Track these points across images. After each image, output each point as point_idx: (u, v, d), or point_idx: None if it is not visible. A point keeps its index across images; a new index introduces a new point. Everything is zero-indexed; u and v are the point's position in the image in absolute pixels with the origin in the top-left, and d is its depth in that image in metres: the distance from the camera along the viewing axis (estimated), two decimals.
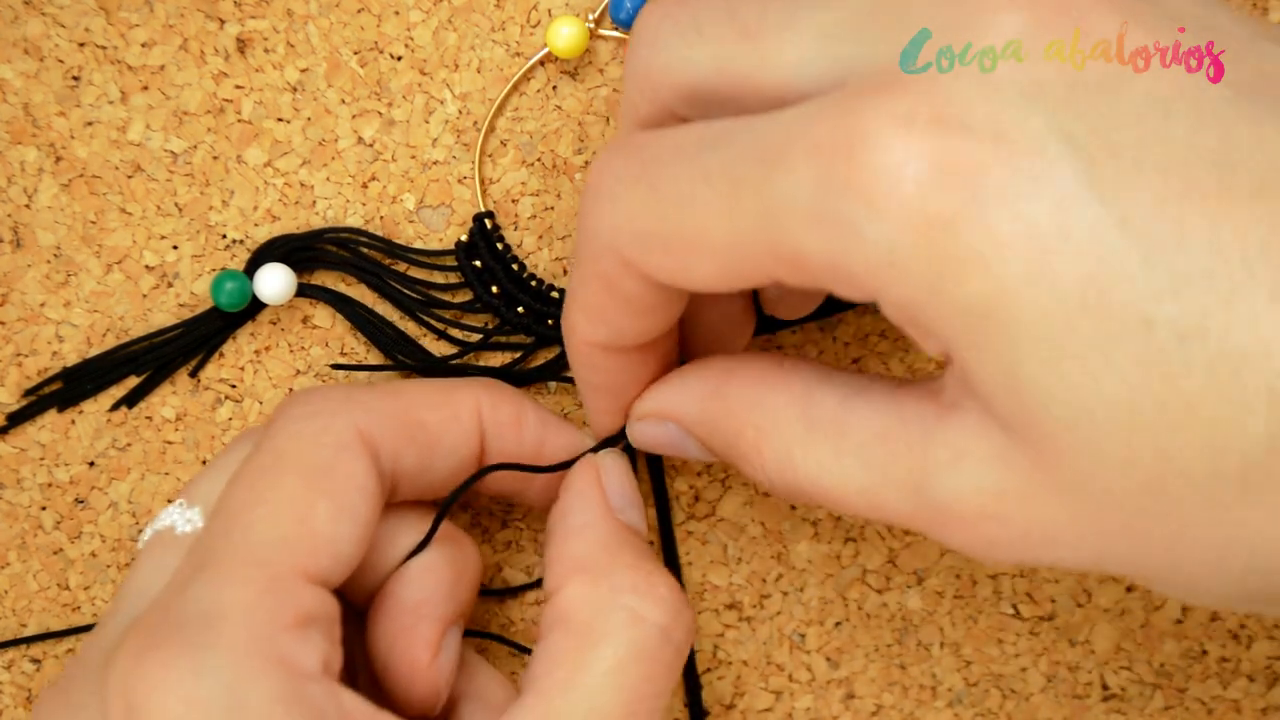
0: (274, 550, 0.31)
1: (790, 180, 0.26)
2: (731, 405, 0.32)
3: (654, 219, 0.28)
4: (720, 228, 0.27)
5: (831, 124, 0.25)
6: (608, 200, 0.29)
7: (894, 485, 0.28)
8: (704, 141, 0.28)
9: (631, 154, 0.29)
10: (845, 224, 0.25)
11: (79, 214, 0.39)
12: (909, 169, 0.25)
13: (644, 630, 0.32)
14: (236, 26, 0.39)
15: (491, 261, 0.39)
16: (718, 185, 0.27)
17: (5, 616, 0.40)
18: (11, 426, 0.39)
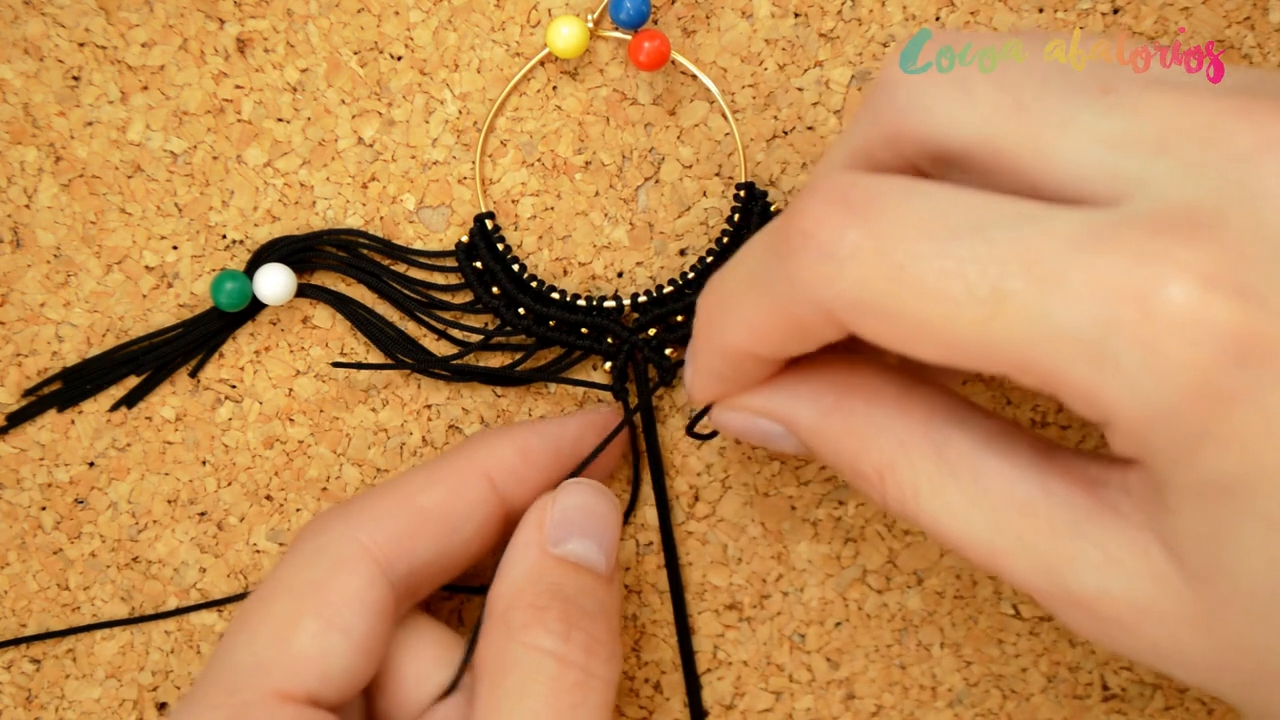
0: (246, 676, 0.31)
1: (1071, 312, 0.25)
2: (855, 423, 0.31)
3: (888, 299, 0.27)
4: (970, 331, 0.26)
5: (1127, 262, 0.25)
6: (830, 261, 0.27)
7: (1027, 557, 0.28)
8: (953, 225, 0.26)
9: (855, 211, 0.27)
10: (1120, 369, 0.25)
11: (79, 214, 0.39)
12: (1206, 338, 0.24)
13: (537, 657, 0.32)
14: (236, 26, 0.39)
15: (492, 262, 0.39)
16: (977, 290, 0.26)
17: (5, 616, 0.40)
18: (11, 426, 0.39)
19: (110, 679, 0.40)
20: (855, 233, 0.27)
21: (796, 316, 0.29)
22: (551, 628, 0.33)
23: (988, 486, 0.29)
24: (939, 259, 0.26)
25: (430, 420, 0.40)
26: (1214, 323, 0.24)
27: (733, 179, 0.39)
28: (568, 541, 0.35)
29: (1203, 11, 0.39)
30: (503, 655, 0.32)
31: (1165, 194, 0.25)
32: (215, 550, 0.40)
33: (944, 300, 0.26)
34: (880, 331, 0.27)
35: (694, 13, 0.39)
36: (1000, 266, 0.25)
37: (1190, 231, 0.25)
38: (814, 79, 0.39)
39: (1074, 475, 0.29)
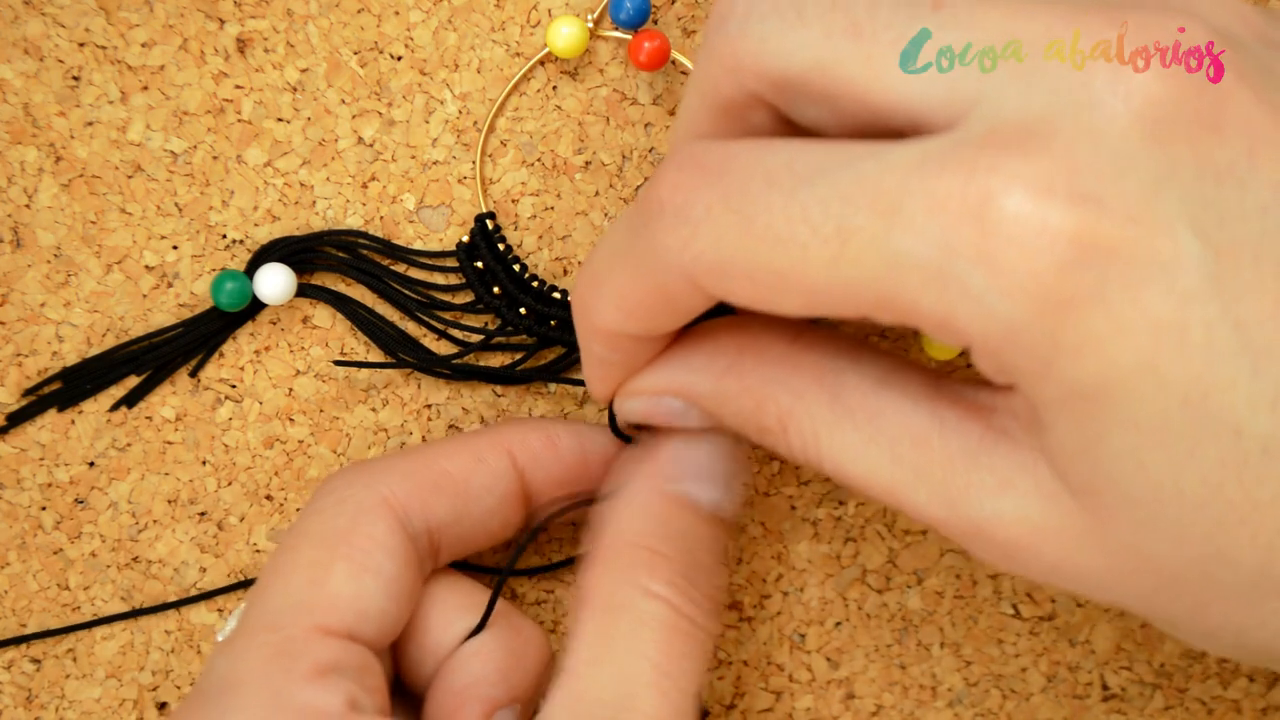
0: (286, 614, 0.31)
1: (910, 238, 0.25)
2: (750, 383, 0.31)
3: (742, 252, 0.27)
4: (821, 273, 0.26)
5: (963, 181, 0.24)
6: (686, 224, 0.28)
7: (925, 489, 0.29)
8: (799, 173, 0.26)
9: (710, 172, 0.27)
10: (968, 289, 0.25)
11: (79, 214, 0.39)
12: (1044, 244, 0.24)
13: (655, 605, 0.32)
14: (236, 26, 0.39)
15: (493, 262, 0.39)
16: (822, 230, 0.26)
17: (5, 616, 0.40)
18: (11, 426, 0.39)
19: (110, 679, 0.40)
20: (707, 193, 0.27)
21: (662, 286, 0.29)
22: (673, 581, 0.32)
23: (883, 424, 0.29)
24: (785, 206, 0.26)
25: (430, 420, 0.40)
26: (1051, 230, 0.24)
27: None
28: (692, 482, 0.34)
29: None
30: (616, 594, 0.32)
31: (998, 109, 0.25)
32: (215, 550, 0.40)
33: (794, 245, 0.26)
34: (740, 291, 0.28)
35: (694, 13, 0.39)
36: (843, 204, 0.26)
37: (1022, 143, 0.24)
38: None
39: (965, 404, 0.29)
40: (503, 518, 0.35)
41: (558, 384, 0.40)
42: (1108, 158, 0.24)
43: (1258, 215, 0.24)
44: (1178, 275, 0.24)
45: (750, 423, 0.31)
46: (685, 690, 0.32)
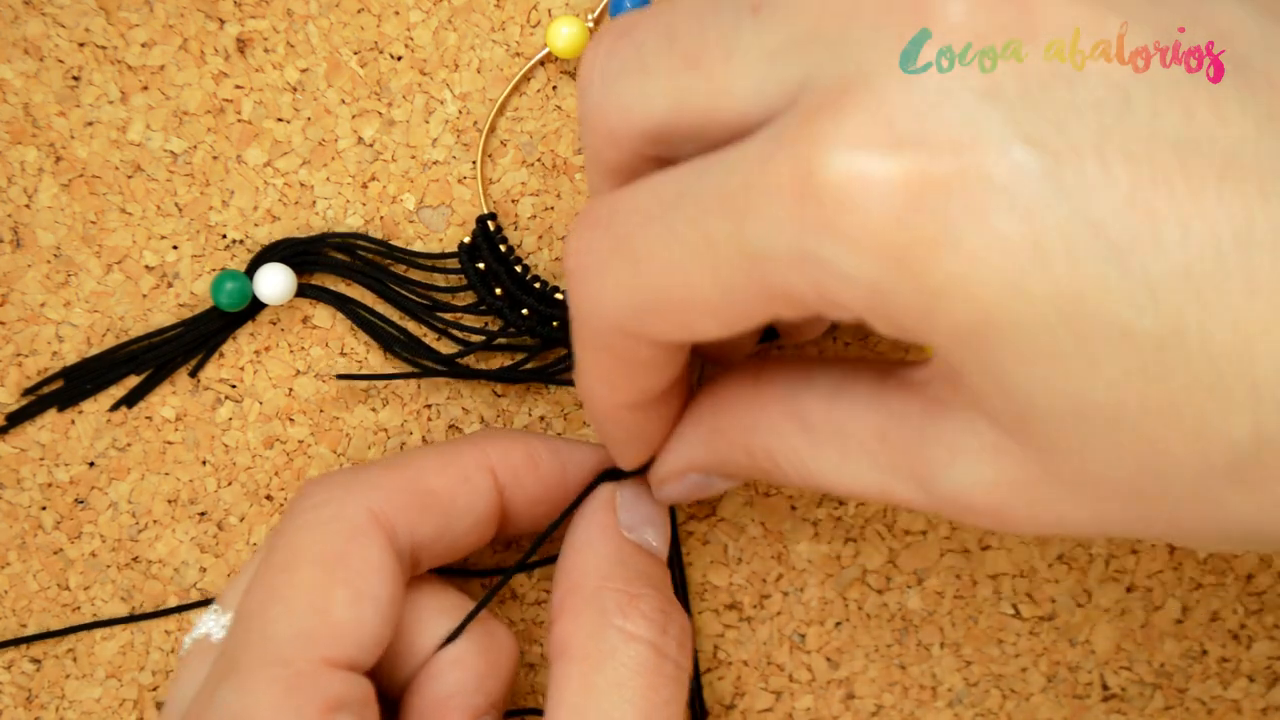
0: (295, 646, 0.31)
1: (761, 229, 0.25)
2: (733, 436, 0.32)
3: (641, 291, 0.27)
4: (707, 285, 0.26)
5: (788, 159, 0.24)
6: (593, 280, 0.28)
7: (902, 481, 0.29)
8: (665, 200, 0.27)
9: (601, 226, 0.28)
10: (824, 262, 0.25)
11: (79, 214, 0.39)
12: (874, 199, 0.24)
13: (636, 648, 0.33)
14: (236, 26, 0.39)
15: (495, 263, 0.39)
16: (693, 245, 0.26)
17: (5, 616, 0.40)
18: (11, 426, 0.39)
19: (110, 679, 0.40)
20: (600, 246, 0.28)
21: (608, 347, 0.30)
22: (650, 617, 0.33)
23: (848, 433, 0.30)
24: (661, 234, 0.27)
25: (430, 420, 0.40)
26: (878, 182, 0.24)
27: None
28: (642, 529, 0.35)
29: None
30: (597, 639, 0.33)
31: (818, 81, 0.25)
32: (215, 550, 0.40)
33: (678, 270, 0.26)
34: (660, 328, 0.28)
35: None
36: (704, 215, 0.26)
37: (836, 103, 0.24)
38: None
39: (906, 384, 0.29)
40: (479, 534, 0.35)
41: (558, 385, 0.40)
42: (922, 93, 0.24)
43: (1093, 110, 0.24)
44: (1018, 191, 0.23)
45: (753, 470, 0.32)
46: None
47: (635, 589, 0.34)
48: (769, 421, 0.31)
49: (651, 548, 0.35)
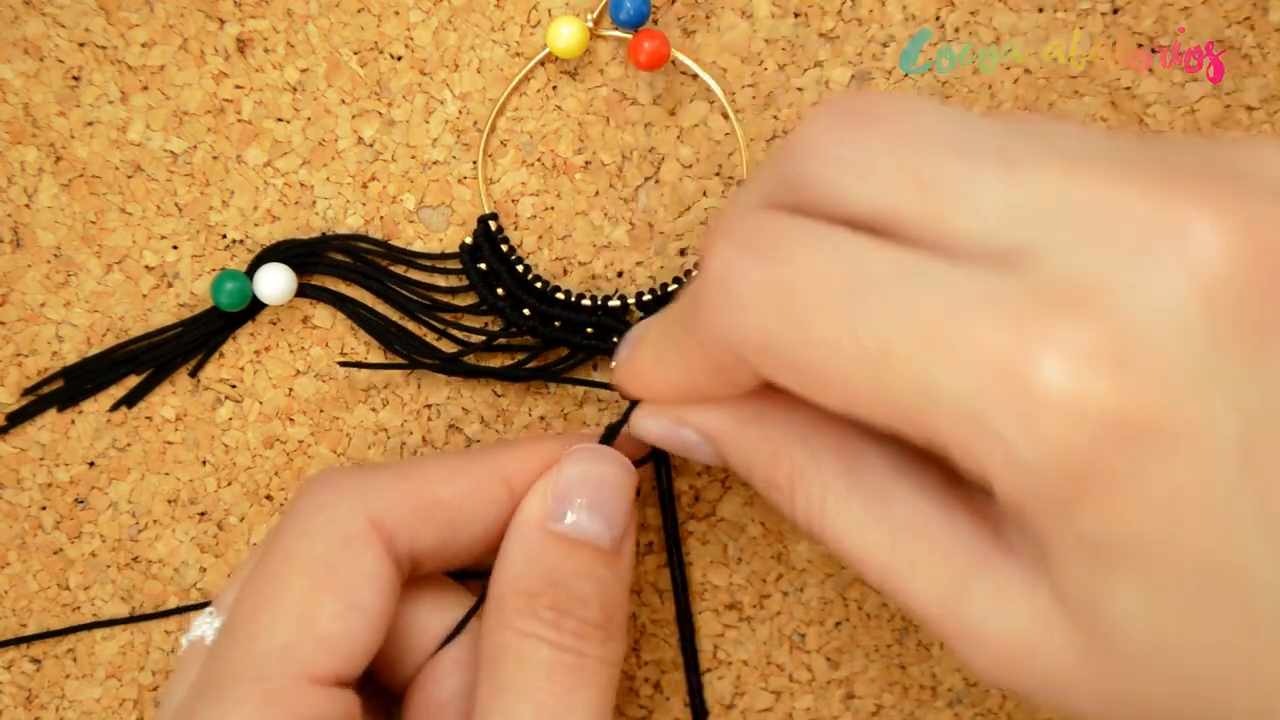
0: (274, 662, 0.31)
1: (952, 376, 0.25)
2: (771, 434, 0.32)
3: (785, 344, 0.27)
4: (860, 385, 0.26)
5: (1008, 334, 0.25)
6: (736, 305, 0.28)
7: (922, 581, 0.29)
8: (853, 286, 0.26)
9: (762, 256, 0.28)
10: (995, 434, 0.25)
11: (79, 214, 0.39)
12: (1084, 421, 0.24)
13: (531, 644, 0.33)
14: (236, 26, 0.39)
15: (496, 264, 0.39)
16: (866, 346, 0.26)
17: (5, 616, 0.40)
18: (11, 426, 0.39)
19: (110, 679, 0.40)
20: (757, 275, 0.27)
21: (713, 361, 0.30)
22: (542, 615, 0.33)
23: (892, 507, 0.30)
24: (834, 313, 0.26)
25: (430, 420, 0.40)
26: (1090, 403, 0.24)
27: (733, 179, 0.40)
28: (568, 515, 0.35)
29: (1202, 11, 0.39)
30: (498, 643, 0.33)
31: (1054, 267, 0.25)
32: (215, 550, 0.40)
33: (835, 352, 0.26)
34: (783, 376, 0.28)
35: (694, 13, 0.39)
36: (890, 326, 0.26)
37: (1074, 307, 0.25)
38: (814, 79, 0.39)
39: (976, 509, 0.29)
40: (487, 542, 0.35)
41: (559, 383, 0.40)
42: (1161, 330, 0.24)
43: None
44: (1209, 447, 0.24)
45: (760, 473, 0.32)
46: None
47: (535, 588, 0.33)
48: (818, 445, 0.31)
49: (581, 534, 0.34)
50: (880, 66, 0.39)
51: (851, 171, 0.28)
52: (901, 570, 0.29)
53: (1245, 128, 0.39)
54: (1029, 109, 0.39)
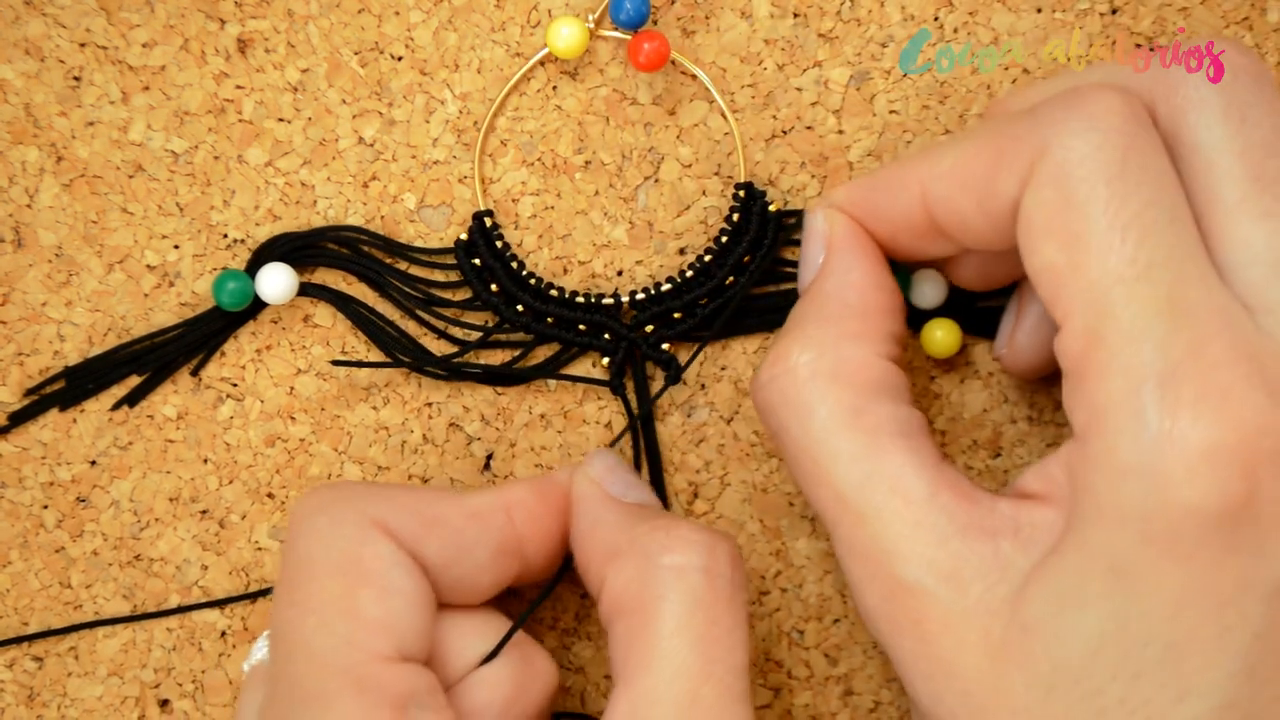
0: (344, 653, 0.31)
1: (1152, 335, 0.29)
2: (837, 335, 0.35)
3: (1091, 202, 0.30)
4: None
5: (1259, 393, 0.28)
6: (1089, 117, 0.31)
7: (881, 524, 0.32)
8: (1174, 214, 0.30)
9: (1129, 124, 0.30)
10: (1136, 427, 0.28)
11: (80, 214, 0.39)
12: (1208, 496, 0.28)
13: (689, 579, 0.32)
14: (237, 26, 0.39)
15: (491, 260, 0.39)
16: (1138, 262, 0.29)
17: (7, 615, 0.40)
18: (13, 426, 0.39)
19: (112, 676, 0.40)
20: (1119, 136, 0.31)
21: (989, 152, 0.32)
22: (692, 540, 0.32)
23: (881, 459, 0.32)
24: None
25: (431, 418, 0.40)
26: (1220, 485, 0.28)
27: (732, 178, 0.40)
28: (628, 493, 0.35)
29: (1201, 12, 0.39)
30: (650, 585, 0.32)
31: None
32: (217, 548, 0.40)
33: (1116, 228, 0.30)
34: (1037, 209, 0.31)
35: (694, 13, 0.39)
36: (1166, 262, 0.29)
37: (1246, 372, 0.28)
38: (813, 79, 0.39)
39: (965, 495, 0.31)
40: (495, 573, 0.35)
41: (557, 380, 0.40)
42: None
43: None
44: None
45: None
46: (737, 669, 0.32)
47: (665, 523, 0.33)
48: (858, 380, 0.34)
49: (651, 503, 0.35)
50: (879, 66, 0.39)
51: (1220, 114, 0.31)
52: (862, 512, 0.32)
53: None
54: None
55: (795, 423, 0.33)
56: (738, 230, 0.39)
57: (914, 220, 0.34)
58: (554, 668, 0.35)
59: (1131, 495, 0.28)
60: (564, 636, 0.40)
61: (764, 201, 0.39)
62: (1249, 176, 0.30)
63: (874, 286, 0.35)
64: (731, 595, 0.32)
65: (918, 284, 0.39)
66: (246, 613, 0.40)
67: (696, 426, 0.40)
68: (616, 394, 0.39)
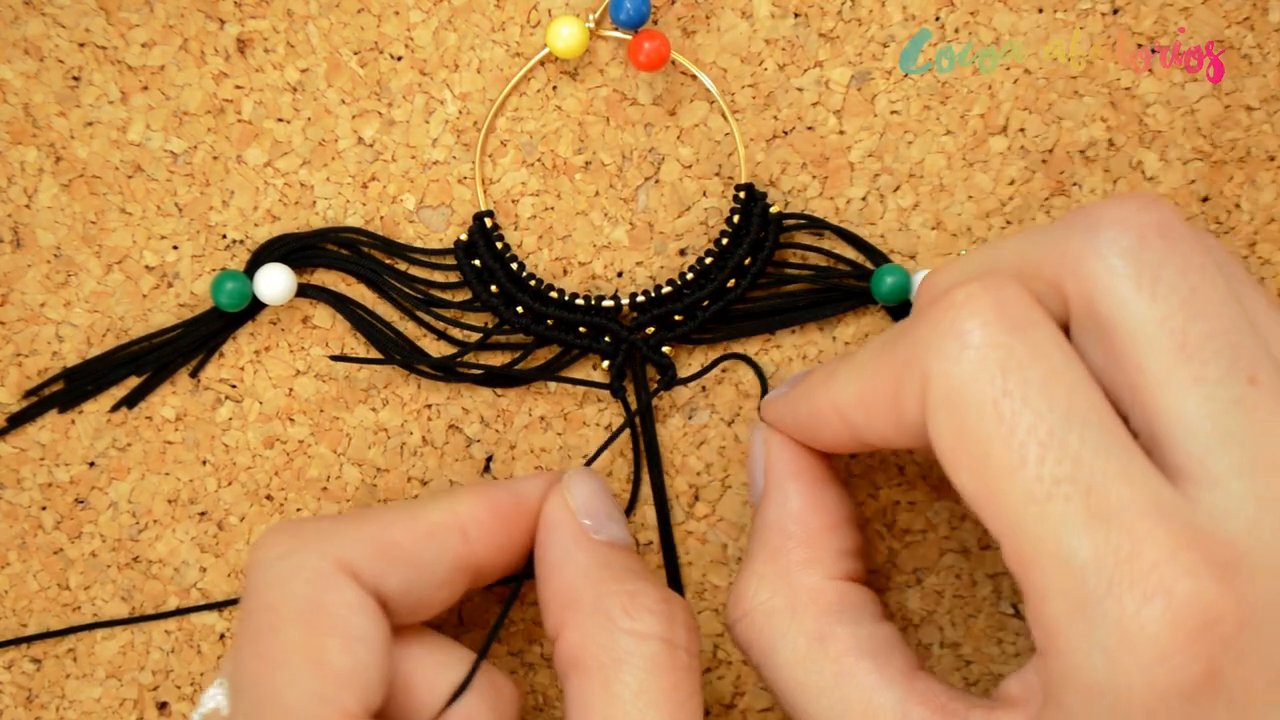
0: (314, 708, 0.31)
1: (1094, 553, 0.28)
2: (794, 510, 0.36)
3: (975, 415, 0.29)
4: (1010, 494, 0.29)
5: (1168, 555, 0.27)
6: (956, 351, 0.30)
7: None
8: (1066, 419, 0.28)
9: (1006, 334, 0.29)
10: (1089, 625, 0.28)
11: (79, 214, 0.39)
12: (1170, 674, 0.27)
13: (649, 646, 0.32)
14: (236, 27, 0.39)
15: (490, 261, 0.39)
16: (1042, 478, 0.28)
17: (5, 616, 0.40)
18: (12, 427, 0.39)
19: (111, 679, 0.40)
20: (990, 348, 0.30)
21: (889, 383, 0.31)
22: (655, 610, 0.33)
23: (848, 685, 0.32)
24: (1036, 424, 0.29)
25: (430, 420, 0.40)
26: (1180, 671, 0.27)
27: (732, 179, 0.40)
28: (602, 528, 0.35)
29: (1202, 11, 0.39)
30: (610, 648, 0.32)
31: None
32: (216, 550, 0.40)
33: (1013, 457, 0.29)
34: (941, 423, 0.30)
35: (694, 13, 0.39)
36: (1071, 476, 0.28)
37: (1191, 546, 0.27)
38: (814, 79, 0.39)
39: (939, 707, 0.31)
40: (450, 589, 0.35)
41: (556, 383, 0.40)
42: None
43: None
44: None
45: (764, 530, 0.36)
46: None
47: (631, 586, 0.33)
48: (806, 589, 0.35)
49: (624, 542, 0.35)
50: (880, 66, 0.39)
51: (1131, 285, 0.29)
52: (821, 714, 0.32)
53: (1245, 128, 0.39)
54: (1029, 109, 0.39)
55: (764, 660, 0.34)
56: (738, 232, 0.39)
57: (841, 439, 0.34)
58: (517, 689, 0.35)
59: (1097, 708, 0.28)
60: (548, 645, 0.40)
61: (765, 203, 0.39)
62: (1173, 346, 0.29)
63: (813, 510, 0.35)
64: (689, 664, 0.33)
65: (918, 284, 0.39)
66: None
67: (697, 429, 0.40)
68: (616, 396, 0.39)
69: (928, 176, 0.39)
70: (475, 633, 0.40)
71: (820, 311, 0.39)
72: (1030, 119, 0.39)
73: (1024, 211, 0.40)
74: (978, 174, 0.40)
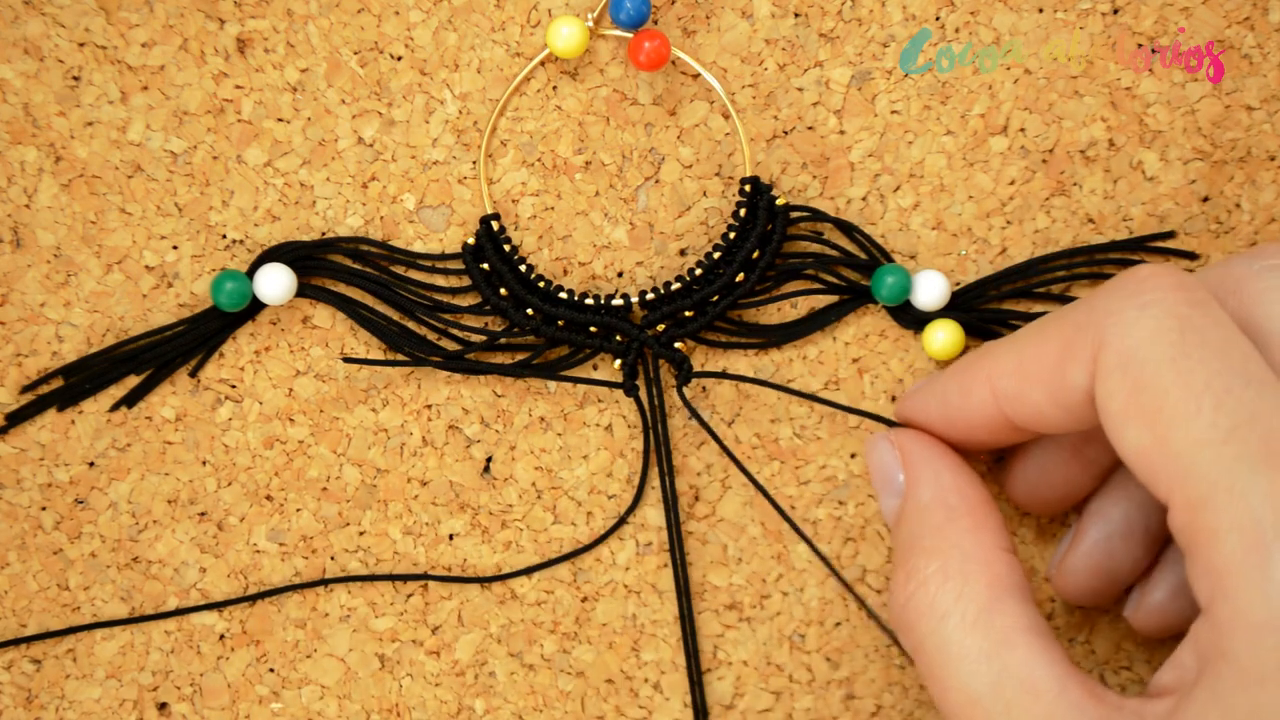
0: None
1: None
2: (945, 529, 0.35)
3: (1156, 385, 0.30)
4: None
5: None
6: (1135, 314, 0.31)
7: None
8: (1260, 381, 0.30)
9: (1187, 305, 0.31)
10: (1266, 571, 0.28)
11: (79, 214, 0.39)
12: None
13: None
14: (236, 26, 0.39)
15: (499, 264, 0.39)
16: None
17: (5, 616, 0.40)
18: (11, 426, 0.39)
19: (110, 679, 0.40)
20: (1175, 316, 0.31)
21: (1050, 357, 0.33)
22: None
23: (1012, 652, 0.32)
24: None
25: (430, 420, 0.40)
26: None
27: (732, 179, 0.40)
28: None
29: (1203, 11, 0.39)
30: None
31: None
32: (215, 550, 0.40)
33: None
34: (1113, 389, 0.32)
35: (694, 13, 0.39)
36: None
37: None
38: (814, 79, 0.39)
39: (1093, 693, 0.31)
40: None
41: (562, 382, 0.40)
42: None
43: None
44: None
45: (905, 557, 0.35)
46: None
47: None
48: (973, 570, 0.34)
49: None
50: (880, 66, 0.39)
51: None
52: (993, 711, 0.32)
53: (1245, 128, 0.39)
54: (1029, 109, 0.39)
55: (931, 629, 0.34)
56: (745, 225, 0.39)
57: (989, 418, 0.35)
58: None
59: (1267, 647, 0.28)
60: (564, 640, 0.40)
61: (770, 196, 0.39)
62: None
63: (968, 484, 0.36)
64: None
65: (918, 284, 0.39)
66: (245, 615, 0.40)
67: (698, 429, 0.40)
68: (630, 395, 0.39)
69: (928, 176, 0.40)
70: (475, 633, 0.40)
71: (824, 318, 0.40)
72: (1030, 119, 0.39)
73: (1024, 211, 0.40)
74: (978, 174, 0.40)
